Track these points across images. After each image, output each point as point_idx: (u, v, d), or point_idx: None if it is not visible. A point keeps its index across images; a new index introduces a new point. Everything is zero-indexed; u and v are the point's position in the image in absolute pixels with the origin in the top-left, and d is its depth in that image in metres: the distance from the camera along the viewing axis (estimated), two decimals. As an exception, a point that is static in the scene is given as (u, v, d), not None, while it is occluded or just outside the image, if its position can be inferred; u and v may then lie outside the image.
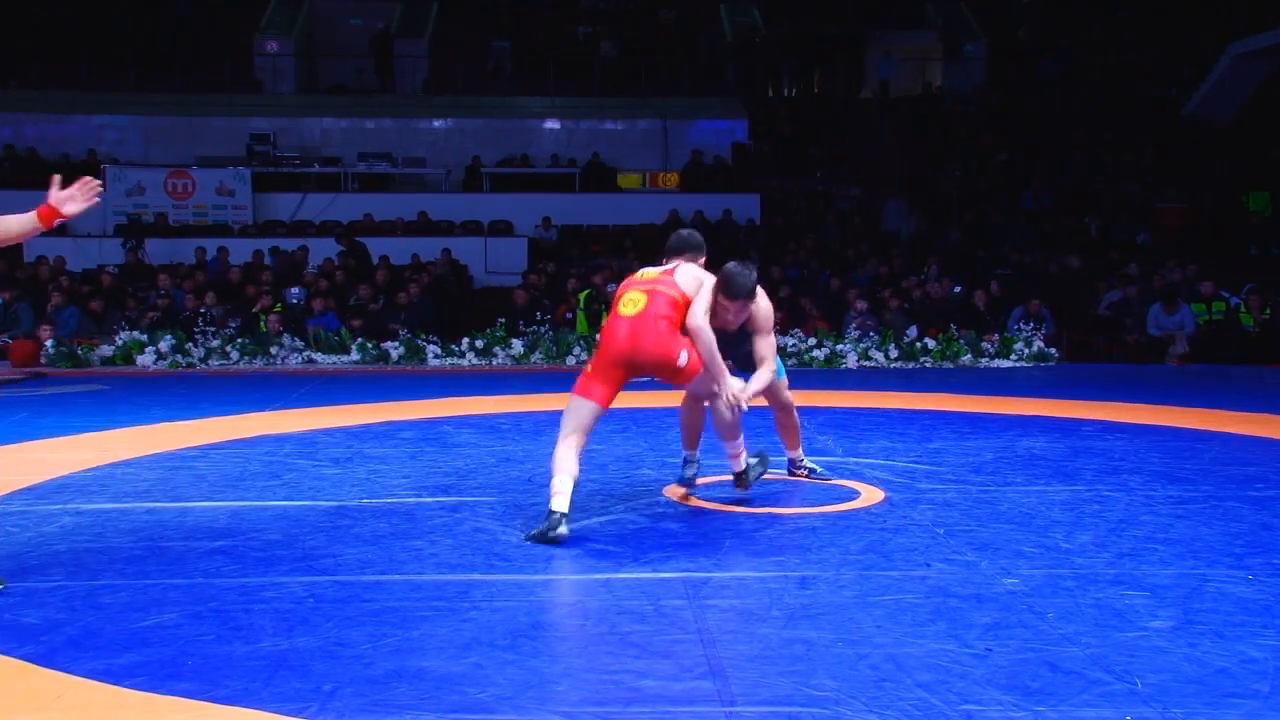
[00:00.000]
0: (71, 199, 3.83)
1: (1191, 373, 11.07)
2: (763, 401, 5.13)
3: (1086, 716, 2.68)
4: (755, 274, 4.82)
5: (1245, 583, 3.74)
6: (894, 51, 22.20)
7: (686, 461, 5.25)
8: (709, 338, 4.60)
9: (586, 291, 13.37)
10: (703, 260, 5.01)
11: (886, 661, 3.03)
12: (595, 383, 4.63)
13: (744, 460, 5.00)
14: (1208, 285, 12.93)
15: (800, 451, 5.54)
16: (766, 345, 4.91)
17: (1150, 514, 4.77)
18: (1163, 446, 6.51)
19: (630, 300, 4.68)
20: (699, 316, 4.62)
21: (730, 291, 4.70)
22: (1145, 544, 4.26)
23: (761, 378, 4.84)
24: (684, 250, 5.00)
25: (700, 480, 5.38)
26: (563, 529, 4.31)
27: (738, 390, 4.67)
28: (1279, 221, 16.99)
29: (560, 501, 4.37)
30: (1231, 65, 19.48)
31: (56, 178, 3.90)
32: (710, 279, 4.79)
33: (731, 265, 4.77)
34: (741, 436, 4.91)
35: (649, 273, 4.87)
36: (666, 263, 4.98)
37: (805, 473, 5.54)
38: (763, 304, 4.89)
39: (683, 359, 4.57)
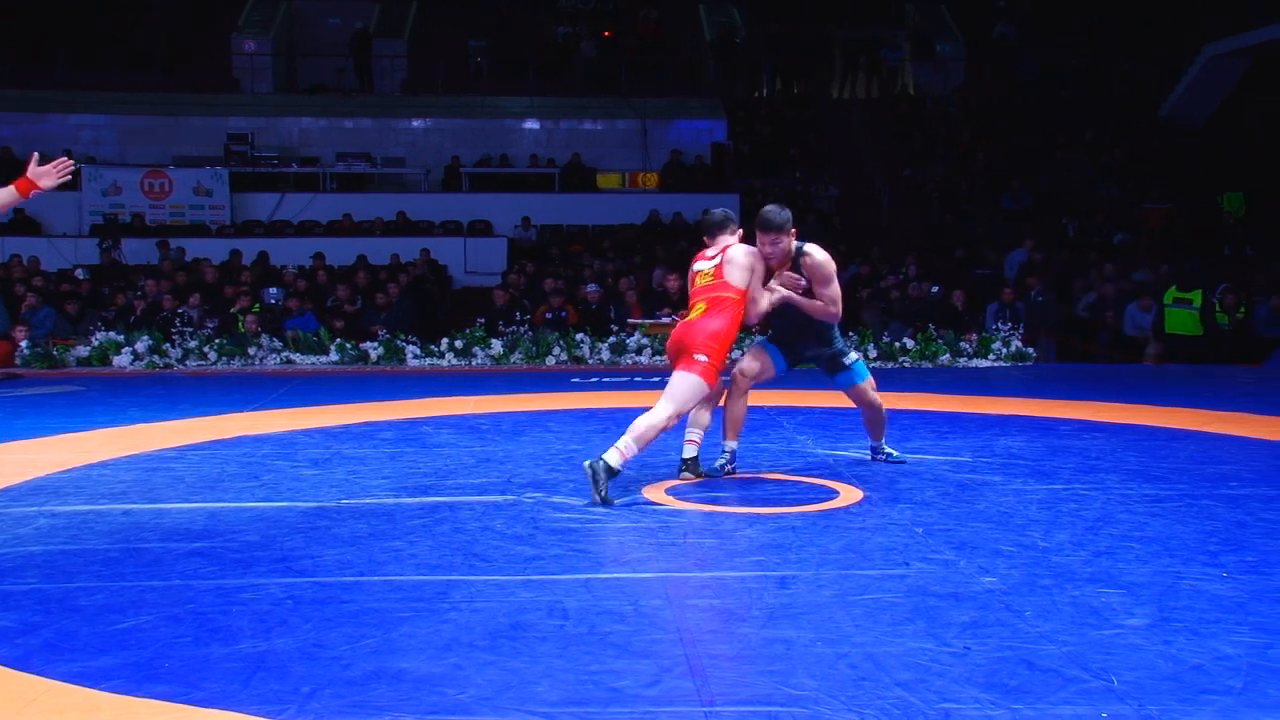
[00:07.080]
0: (47, 174, 4.29)
1: (1167, 372, 11.16)
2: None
3: (1063, 714, 2.70)
4: (788, 213, 5.40)
5: (1219, 580, 3.77)
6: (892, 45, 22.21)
7: (723, 452, 5.58)
8: (759, 310, 5.42)
9: None
10: (740, 233, 5.58)
11: (865, 660, 3.04)
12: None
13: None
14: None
15: (883, 441, 5.98)
16: (827, 294, 5.45)
17: (1126, 512, 4.80)
18: (1139, 445, 6.56)
19: (696, 309, 5.36)
20: (761, 304, 5.40)
21: (760, 224, 5.35)
22: (1121, 542, 4.29)
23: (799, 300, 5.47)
24: (724, 228, 5.54)
25: (678, 481, 5.43)
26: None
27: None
28: (1253, 222, 17.13)
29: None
30: (1206, 66, 19.62)
31: (35, 155, 4.41)
32: (752, 259, 5.39)
33: (767, 206, 5.46)
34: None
35: (704, 272, 5.43)
36: (710, 245, 5.53)
37: (884, 457, 5.96)
38: (818, 255, 5.42)
39: (700, 357, 5.20)
